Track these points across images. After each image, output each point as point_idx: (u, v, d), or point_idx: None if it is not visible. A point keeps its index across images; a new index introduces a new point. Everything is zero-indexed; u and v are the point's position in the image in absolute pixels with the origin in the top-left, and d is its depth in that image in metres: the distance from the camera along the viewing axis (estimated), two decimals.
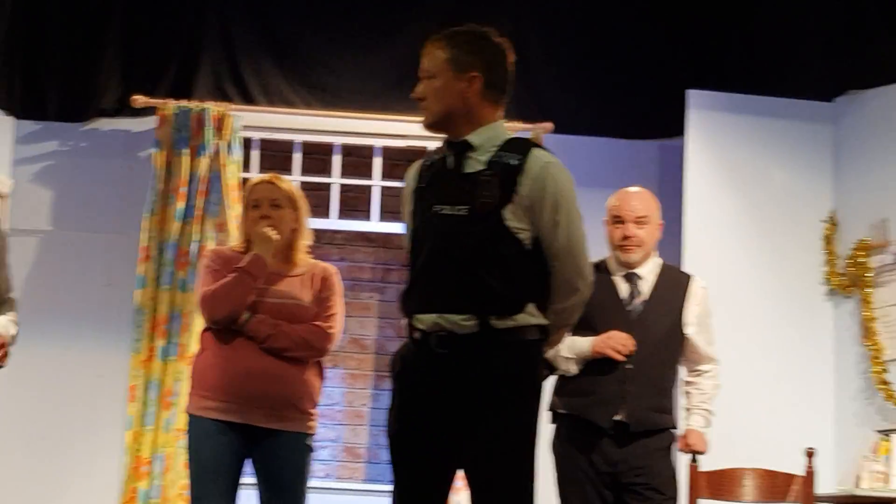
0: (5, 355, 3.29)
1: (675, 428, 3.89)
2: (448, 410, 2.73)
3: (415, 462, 2.79)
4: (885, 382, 4.80)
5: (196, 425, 3.66)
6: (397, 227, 5.60)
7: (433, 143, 3.66)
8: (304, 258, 3.76)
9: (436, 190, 2.79)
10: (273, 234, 3.61)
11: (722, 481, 4.34)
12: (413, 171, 2.94)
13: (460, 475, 3.01)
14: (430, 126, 2.82)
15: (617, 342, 3.75)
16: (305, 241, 3.76)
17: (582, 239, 2.80)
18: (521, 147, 2.79)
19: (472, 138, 2.72)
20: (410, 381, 2.81)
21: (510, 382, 2.74)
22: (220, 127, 5.09)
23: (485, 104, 2.75)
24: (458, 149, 2.74)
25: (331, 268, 3.84)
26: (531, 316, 2.73)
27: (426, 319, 2.73)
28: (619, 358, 3.74)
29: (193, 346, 4.85)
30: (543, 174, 2.72)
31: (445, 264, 2.74)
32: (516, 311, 2.72)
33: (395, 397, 2.85)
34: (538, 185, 2.73)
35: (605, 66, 5.63)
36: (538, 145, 2.93)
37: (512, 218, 2.71)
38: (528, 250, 2.75)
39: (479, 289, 2.73)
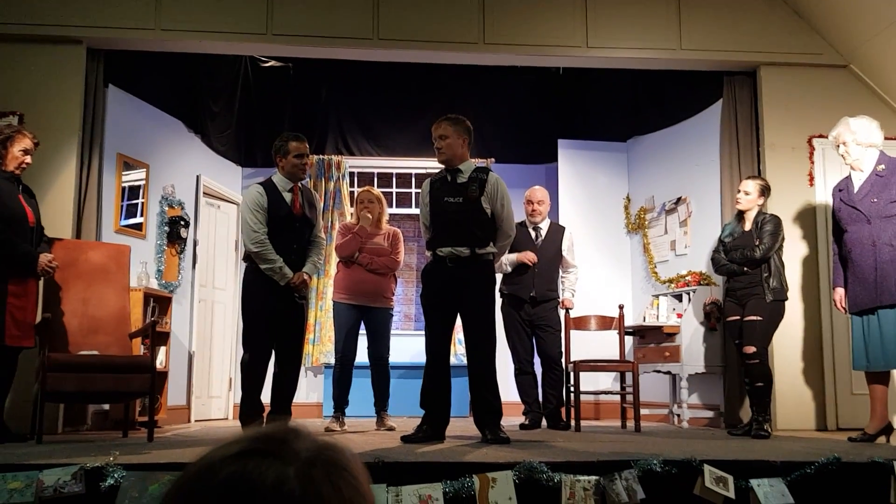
0: (305, 285, 4.74)
1: (558, 298, 5.96)
2: (453, 291, 4.32)
3: (437, 314, 4.40)
4: (655, 273, 7.35)
5: (337, 306, 5.58)
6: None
7: (435, 169, 6.78)
8: (385, 225, 5.64)
9: (444, 191, 4.35)
10: (368, 216, 5.55)
11: (580, 322, 6.12)
12: (427, 183, 4.53)
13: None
14: (444, 162, 4.38)
15: (528, 256, 5.72)
16: (386, 216, 5.70)
17: (512, 213, 4.38)
18: (484, 171, 4.43)
19: (461, 167, 4.38)
20: (434, 279, 4.37)
21: (483, 276, 4.36)
22: (338, 167, 7.94)
23: (465, 151, 4.42)
24: (454, 173, 4.38)
25: (398, 230, 5.70)
26: (491, 247, 4.33)
27: (445, 250, 4.28)
28: (530, 263, 5.73)
29: (331, 270, 7.35)
30: (496, 183, 4.37)
31: (455, 225, 4.30)
32: (486, 246, 4.31)
33: (426, 288, 4.45)
34: (493, 189, 4.35)
35: (519, 127, 8.25)
36: (490, 169, 4.54)
37: (483, 203, 4.27)
38: (490, 218, 4.31)
39: (471, 235, 4.26)
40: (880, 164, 4.79)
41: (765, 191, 5.47)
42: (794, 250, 6.01)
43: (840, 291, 4.92)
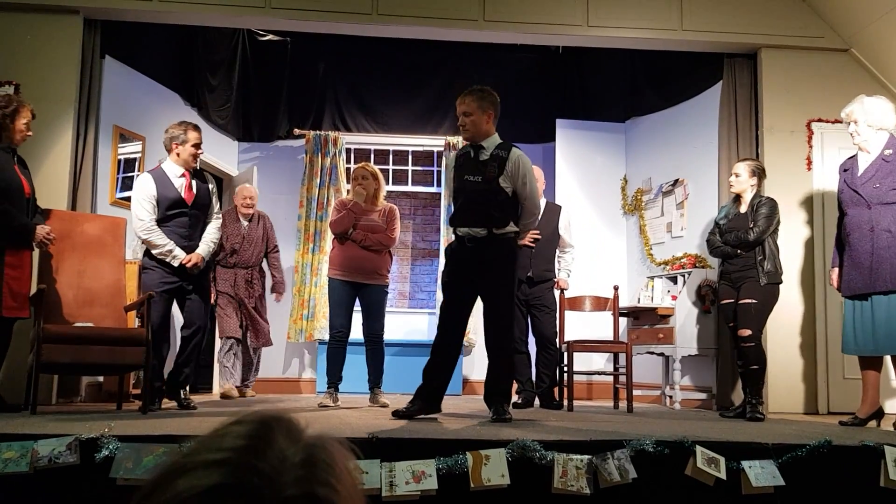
0: (195, 266, 4.85)
1: (555, 278, 5.94)
2: (471, 270, 4.27)
3: (451, 293, 4.37)
4: (650, 254, 7.39)
5: (331, 283, 5.54)
6: (419, 189, 7.95)
7: (439, 148, 6.91)
8: (382, 202, 5.59)
9: (465, 168, 4.26)
10: (362, 192, 5.51)
11: (575, 302, 6.09)
12: (452, 156, 4.50)
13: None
14: (469, 139, 4.29)
15: (529, 236, 5.51)
16: (382, 193, 5.64)
17: (536, 190, 4.32)
18: (506, 146, 4.24)
19: (484, 143, 4.25)
20: (455, 258, 4.32)
21: (502, 257, 4.26)
22: (335, 143, 7.85)
23: (491, 127, 4.28)
24: (477, 149, 4.26)
25: (394, 207, 5.67)
26: (511, 227, 4.24)
27: (463, 230, 4.22)
28: (530, 242, 5.67)
29: (326, 246, 7.38)
30: (517, 161, 4.19)
31: (474, 205, 4.22)
32: (504, 226, 4.21)
33: (447, 265, 4.41)
34: (514, 167, 4.16)
35: (517, 106, 7.84)
36: (514, 144, 4.34)
37: (502, 183, 4.14)
38: (510, 198, 4.18)
39: (488, 216, 4.17)
40: (888, 149, 4.75)
41: (756, 172, 5.44)
42: (790, 234, 6.02)
43: (837, 271, 4.92)
